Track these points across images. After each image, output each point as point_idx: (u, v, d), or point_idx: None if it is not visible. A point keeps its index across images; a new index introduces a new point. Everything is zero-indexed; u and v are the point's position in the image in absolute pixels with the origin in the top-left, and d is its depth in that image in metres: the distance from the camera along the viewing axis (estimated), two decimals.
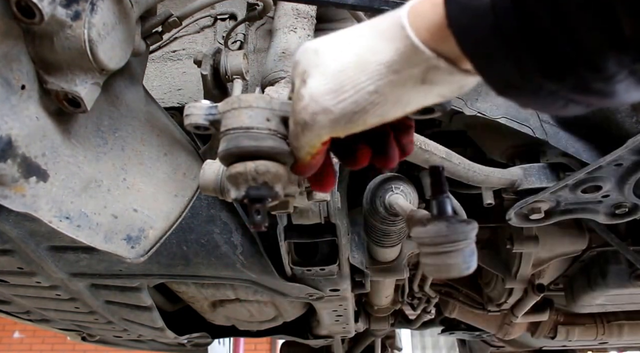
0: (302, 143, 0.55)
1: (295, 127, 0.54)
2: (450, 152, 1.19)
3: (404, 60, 0.47)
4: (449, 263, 0.58)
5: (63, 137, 0.70)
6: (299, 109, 0.52)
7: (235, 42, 1.30)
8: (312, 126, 0.52)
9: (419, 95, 0.49)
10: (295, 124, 0.54)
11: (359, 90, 0.49)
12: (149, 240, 0.83)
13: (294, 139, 0.56)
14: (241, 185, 0.56)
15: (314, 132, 0.52)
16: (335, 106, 0.50)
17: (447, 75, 0.47)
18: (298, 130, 0.54)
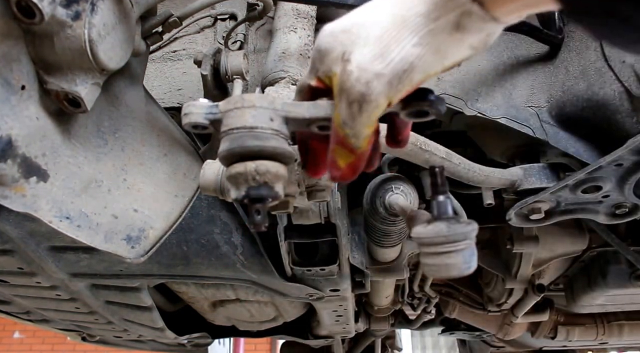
0: (359, 124, 0.54)
1: (351, 108, 0.53)
2: (450, 152, 1.19)
3: (440, 6, 0.50)
4: (449, 264, 0.58)
5: (63, 137, 0.70)
6: (350, 84, 0.52)
7: (236, 42, 1.30)
8: (369, 96, 0.51)
9: (455, 45, 0.52)
10: (350, 103, 0.53)
11: (404, 46, 0.51)
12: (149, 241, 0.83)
13: (349, 124, 0.54)
14: (241, 185, 0.56)
15: (372, 102, 0.52)
16: (385, 68, 0.51)
17: (478, 22, 0.50)
18: (354, 111, 0.53)
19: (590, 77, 1.15)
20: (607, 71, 1.12)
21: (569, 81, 1.20)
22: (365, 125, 0.54)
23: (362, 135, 0.55)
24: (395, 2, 0.52)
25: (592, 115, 1.17)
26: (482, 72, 1.29)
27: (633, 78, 1.08)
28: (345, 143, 0.56)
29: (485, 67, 1.29)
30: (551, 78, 1.26)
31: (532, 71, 1.28)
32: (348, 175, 0.58)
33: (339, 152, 0.57)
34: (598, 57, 1.14)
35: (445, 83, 1.28)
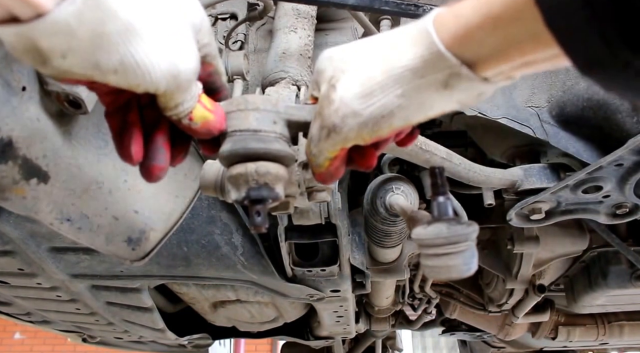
0: (323, 147, 0.56)
1: (321, 131, 0.55)
2: (450, 152, 1.19)
3: (429, 65, 0.50)
4: (450, 265, 0.58)
5: (64, 139, 0.70)
6: (328, 112, 0.54)
7: (236, 43, 1.30)
8: (340, 129, 0.54)
9: (441, 100, 0.52)
10: (322, 127, 0.55)
11: (387, 95, 0.52)
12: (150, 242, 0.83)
13: (314, 143, 0.57)
14: (242, 186, 0.56)
15: (340, 135, 0.54)
16: (364, 110, 0.52)
17: (467, 82, 0.50)
18: (322, 135, 0.55)
19: None
20: None
21: (570, 81, 1.20)
22: (328, 151, 0.56)
23: (322, 156, 0.57)
24: (390, 49, 0.53)
25: (593, 115, 1.17)
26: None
27: None
28: (309, 157, 0.59)
29: None
30: (552, 78, 1.25)
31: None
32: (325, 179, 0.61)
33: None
34: None
35: None
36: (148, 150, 0.55)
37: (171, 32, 0.48)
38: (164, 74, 0.47)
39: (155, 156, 0.55)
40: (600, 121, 1.16)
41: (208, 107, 0.55)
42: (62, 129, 0.70)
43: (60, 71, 0.45)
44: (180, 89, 0.50)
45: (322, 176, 0.60)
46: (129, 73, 0.46)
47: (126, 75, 0.46)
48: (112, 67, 0.45)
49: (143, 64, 0.46)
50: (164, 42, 0.47)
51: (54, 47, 0.43)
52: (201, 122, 0.54)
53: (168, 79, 0.48)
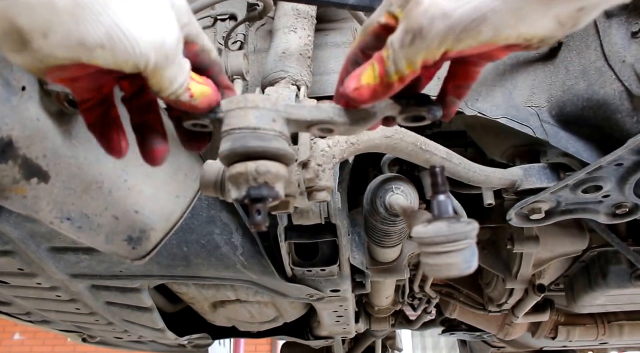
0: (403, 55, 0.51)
1: (405, 35, 0.50)
2: (450, 152, 1.19)
3: None
4: (450, 264, 0.58)
5: (64, 139, 0.70)
6: (416, 13, 0.49)
7: (236, 43, 1.30)
8: (427, 33, 0.48)
9: (538, 10, 0.46)
10: (406, 32, 0.50)
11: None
12: (151, 242, 0.83)
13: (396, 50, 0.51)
14: (242, 185, 0.56)
15: (426, 41, 0.49)
16: (455, 10, 0.47)
17: None
18: (406, 40, 0.50)
19: (591, 76, 1.15)
20: (607, 71, 1.12)
21: (570, 81, 1.20)
22: (407, 59, 0.51)
23: (399, 66, 0.52)
24: None
25: (593, 115, 1.17)
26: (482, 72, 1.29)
27: (633, 78, 1.08)
28: (382, 64, 0.53)
29: (486, 67, 1.29)
30: (551, 78, 1.26)
31: (533, 71, 1.28)
32: (362, 95, 0.55)
33: (371, 70, 0.54)
34: (598, 56, 1.14)
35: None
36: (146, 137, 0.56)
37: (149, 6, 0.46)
38: (151, 44, 0.46)
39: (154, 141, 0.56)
40: (601, 121, 1.16)
41: (200, 81, 0.54)
42: (62, 129, 0.70)
43: (43, 55, 0.43)
44: (169, 60, 0.48)
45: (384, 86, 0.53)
46: (117, 46, 0.44)
47: (114, 49, 0.44)
48: (99, 40, 0.43)
49: (130, 34, 0.44)
50: (144, 13, 0.45)
51: (35, 24, 0.41)
52: (201, 97, 0.54)
53: (156, 48, 0.46)
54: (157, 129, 0.57)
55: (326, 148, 0.96)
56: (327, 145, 0.97)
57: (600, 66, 1.13)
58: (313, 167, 0.89)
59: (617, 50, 1.10)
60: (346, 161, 1.28)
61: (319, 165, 0.91)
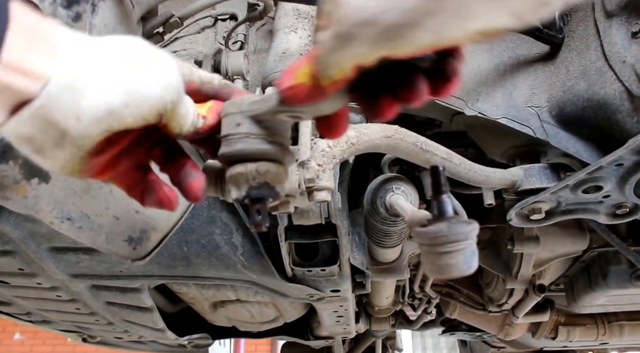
0: (330, 61, 0.45)
1: (332, 40, 0.44)
2: (450, 152, 1.19)
3: None
4: (450, 264, 0.58)
5: None
6: (337, 18, 0.42)
7: (236, 43, 1.30)
8: (352, 40, 0.42)
9: (487, 5, 0.38)
10: (334, 36, 0.43)
11: None
12: (151, 241, 0.83)
13: (322, 54, 0.45)
14: (242, 185, 0.56)
15: (351, 49, 0.43)
16: (382, 14, 0.40)
17: None
18: (330, 46, 0.44)
19: (591, 76, 1.15)
20: (607, 71, 1.12)
21: (570, 81, 1.20)
22: (334, 65, 0.45)
23: (326, 70, 0.46)
24: None
25: (593, 115, 1.17)
26: (482, 72, 1.29)
27: (633, 78, 1.08)
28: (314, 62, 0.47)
29: (486, 67, 1.29)
30: (552, 78, 1.26)
31: (533, 71, 1.28)
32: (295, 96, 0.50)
33: (304, 68, 0.49)
34: (598, 56, 1.14)
35: None
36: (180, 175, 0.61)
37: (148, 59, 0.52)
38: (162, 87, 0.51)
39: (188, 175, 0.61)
40: (601, 121, 1.16)
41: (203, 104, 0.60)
42: None
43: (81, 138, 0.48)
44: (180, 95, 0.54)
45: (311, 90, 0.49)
46: (137, 98, 0.49)
47: (136, 102, 0.49)
48: (122, 101, 0.48)
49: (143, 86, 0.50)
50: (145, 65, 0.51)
51: (65, 111, 0.46)
52: (209, 113, 0.58)
53: (167, 89, 0.52)
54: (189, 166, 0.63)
55: (326, 148, 0.96)
56: (327, 145, 0.97)
57: (600, 66, 1.13)
58: (313, 167, 0.89)
59: (617, 50, 1.10)
60: (346, 161, 1.28)
61: (319, 165, 0.91)
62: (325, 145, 0.96)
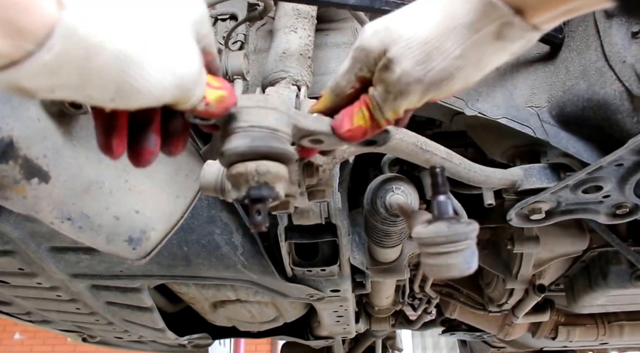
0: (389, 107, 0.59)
1: (387, 95, 0.58)
2: (450, 152, 1.19)
3: (483, 17, 0.52)
4: (450, 264, 0.58)
5: (64, 139, 0.70)
6: (392, 80, 0.56)
7: (236, 43, 1.30)
8: (406, 94, 0.56)
9: (496, 54, 0.55)
10: (387, 92, 0.58)
11: (446, 57, 0.54)
12: (151, 242, 0.83)
13: (381, 103, 0.59)
14: (242, 185, 0.56)
15: (407, 100, 0.57)
16: (425, 76, 0.54)
17: (519, 31, 0.52)
18: (389, 98, 0.58)
19: (591, 77, 1.15)
20: (607, 71, 1.12)
21: (570, 81, 1.20)
22: (392, 110, 0.59)
23: (385, 115, 0.60)
24: (443, 9, 0.54)
25: (593, 115, 1.17)
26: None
27: (633, 78, 1.08)
28: (369, 110, 0.61)
29: None
30: (552, 78, 1.26)
31: (533, 71, 1.28)
32: (354, 136, 0.62)
33: (361, 114, 0.61)
34: (598, 56, 1.14)
35: None
36: (138, 136, 0.53)
37: (170, 42, 0.46)
38: (169, 88, 0.46)
39: (145, 141, 0.53)
40: (601, 121, 1.16)
41: (216, 85, 0.54)
42: (62, 129, 0.70)
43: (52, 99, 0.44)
44: (187, 92, 0.49)
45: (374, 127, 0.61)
46: (129, 99, 0.44)
47: (126, 101, 0.44)
48: (108, 97, 0.43)
49: (142, 88, 0.44)
50: (163, 56, 0.45)
51: (39, 86, 0.41)
52: (216, 103, 0.53)
53: (173, 90, 0.47)
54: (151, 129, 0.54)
55: None
56: None
57: (600, 66, 1.13)
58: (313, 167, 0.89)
59: (617, 50, 1.10)
60: (346, 161, 1.28)
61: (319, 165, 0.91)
62: None
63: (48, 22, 0.37)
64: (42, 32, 0.37)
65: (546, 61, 1.28)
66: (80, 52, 0.39)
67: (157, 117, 0.54)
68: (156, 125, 0.54)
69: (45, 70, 0.39)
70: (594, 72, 1.15)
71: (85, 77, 0.41)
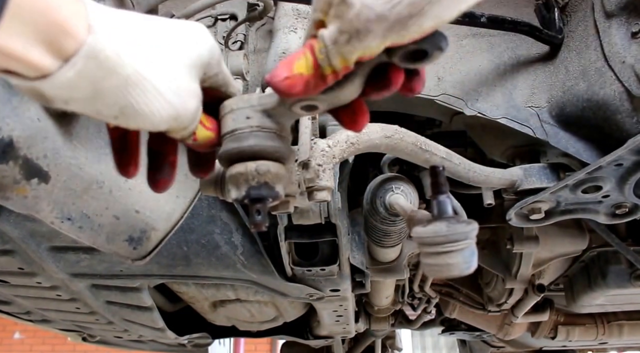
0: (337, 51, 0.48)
1: (339, 35, 0.47)
2: (450, 152, 1.19)
3: None
4: (450, 263, 0.59)
5: (64, 139, 0.70)
6: (349, 17, 0.46)
7: (236, 43, 1.30)
8: (364, 35, 0.46)
9: None
10: (341, 31, 0.47)
11: None
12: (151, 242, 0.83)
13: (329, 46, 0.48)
14: (242, 185, 0.56)
15: (363, 42, 0.46)
16: (390, 10, 0.44)
17: None
18: (341, 39, 0.47)
19: (591, 77, 1.15)
20: (607, 71, 1.12)
21: (569, 81, 1.20)
22: (340, 56, 0.48)
23: (332, 61, 0.49)
24: None
25: (592, 115, 1.17)
26: (482, 72, 1.29)
27: (633, 78, 1.08)
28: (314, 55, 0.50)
29: (486, 67, 1.29)
30: (551, 78, 1.26)
31: (533, 71, 1.28)
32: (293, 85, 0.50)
33: (303, 60, 0.50)
34: (598, 57, 1.14)
35: (446, 83, 1.28)
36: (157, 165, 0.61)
37: (172, 78, 0.50)
38: (165, 119, 0.51)
39: (162, 170, 0.61)
40: (600, 121, 1.17)
41: (207, 126, 0.58)
42: (63, 129, 0.70)
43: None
44: (182, 126, 0.54)
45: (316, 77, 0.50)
46: (130, 119, 0.49)
47: (127, 120, 0.49)
48: (113, 114, 0.48)
49: (143, 112, 0.49)
50: (164, 89, 0.49)
51: (57, 96, 0.46)
52: (204, 141, 0.58)
53: (169, 122, 0.51)
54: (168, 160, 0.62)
55: (326, 148, 0.96)
56: (327, 145, 0.97)
57: (600, 66, 1.13)
58: (313, 166, 0.89)
59: (617, 51, 1.10)
60: (346, 161, 1.28)
61: (319, 165, 0.91)
62: (325, 145, 0.96)
63: (78, 42, 0.43)
64: (71, 51, 0.43)
65: (546, 61, 1.28)
66: (98, 73, 0.45)
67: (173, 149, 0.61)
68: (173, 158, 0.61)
69: (66, 84, 0.44)
70: (594, 72, 1.15)
71: (98, 94, 0.46)
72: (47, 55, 0.42)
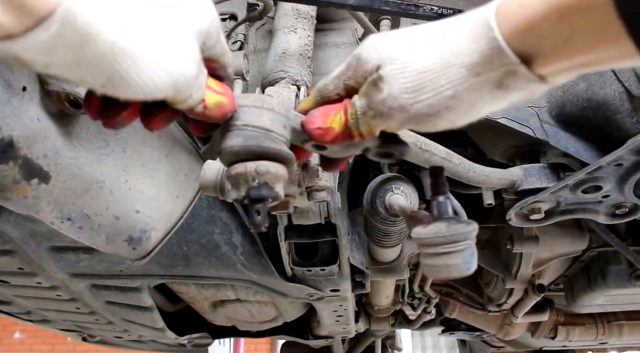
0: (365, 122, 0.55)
1: (367, 110, 0.54)
2: (450, 152, 1.19)
3: (486, 62, 0.47)
4: (449, 264, 0.58)
5: (64, 139, 0.70)
6: (376, 100, 0.53)
7: (236, 43, 1.30)
8: (386, 119, 0.53)
9: (492, 102, 0.50)
10: (368, 108, 0.54)
11: (437, 94, 0.49)
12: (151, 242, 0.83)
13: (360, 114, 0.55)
14: (242, 185, 0.56)
15: (385, 123, 0.54)
16: (411, 106, 0.50)
17: (523, 81, 0.47)
18: (368, 114, 0.54)
19: (591, 77, 1.15)
20: (607, 71, 1.12)
21: (569, 81, 1.21)
22: (367, 126, 0.55)
23: (360, 128, 0.56)
24: (447, 42, 0.50)
25: (592, 115, 1.17)
26: None
27: (633, 78, 1.08)
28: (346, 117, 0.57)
29: None
30: None
31: None
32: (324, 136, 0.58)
33: (338, 116, 0.57)
34: None
35: None
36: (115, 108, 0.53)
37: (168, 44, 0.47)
38: (161, 88, 0.47)
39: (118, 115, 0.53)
40: (600, 121, 1.17)
41: (218, 90, 0.55)
42: (62, 129, 0.71)
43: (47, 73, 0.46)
44: (181, 93, 0.50)
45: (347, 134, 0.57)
46: (119, 88, 0.46)
47: (116, 89, 0.46)
48: (99, 82, 0.45)
49: (134, 82, 0.45)
50: (158, 57, 0.46)
51: (35, 60, 0.43)
52: (215, 107, 0.54)
53: (166, 89, 0.48)
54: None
55: None
56: None
57: None
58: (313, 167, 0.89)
59: None
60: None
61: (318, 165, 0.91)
62: None
63: (50, 4, 0.40)
64: (42, 12, 0.39)
65: None
66: (76, 38, 0.41)
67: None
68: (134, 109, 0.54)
69: (41, 48, 0.41)
70: (594, 72, 1.15)
71: (79, 60, 0.43)
72: (11, 14, 0.39)
